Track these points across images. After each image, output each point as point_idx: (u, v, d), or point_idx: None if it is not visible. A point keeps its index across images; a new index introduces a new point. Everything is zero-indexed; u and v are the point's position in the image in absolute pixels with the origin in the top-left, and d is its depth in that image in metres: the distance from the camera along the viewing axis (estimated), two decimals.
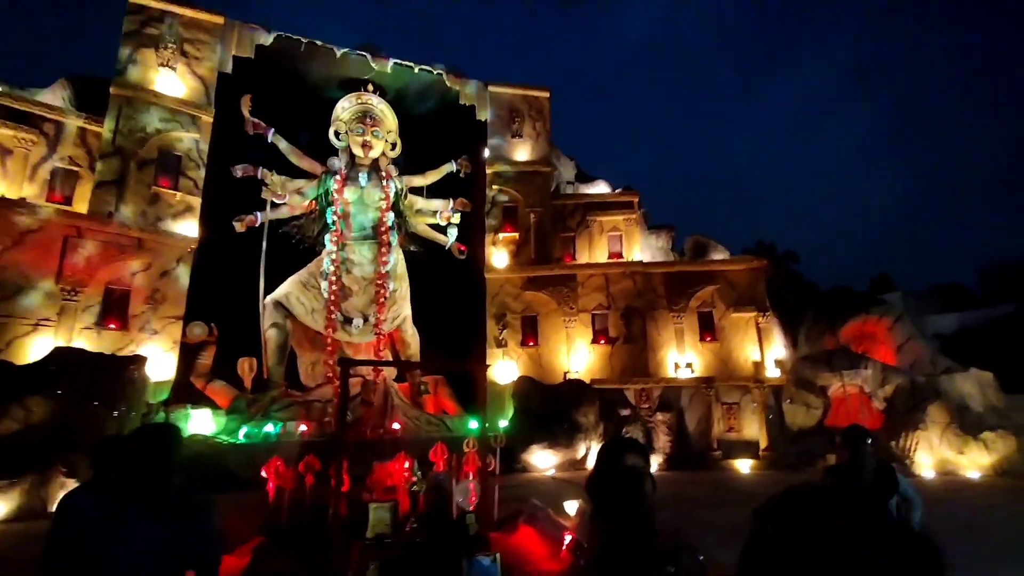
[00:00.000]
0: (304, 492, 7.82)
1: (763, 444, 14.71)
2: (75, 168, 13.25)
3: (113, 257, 12.62)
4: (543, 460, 13.52)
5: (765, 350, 16.14)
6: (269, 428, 12.20)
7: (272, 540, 6.51)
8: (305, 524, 6.83)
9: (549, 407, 14.42)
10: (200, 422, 12.09)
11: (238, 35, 15.06)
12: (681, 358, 16.57)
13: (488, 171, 17.77)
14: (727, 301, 16.78)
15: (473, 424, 14.36)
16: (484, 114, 18.04)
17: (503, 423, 14.77)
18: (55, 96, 13.69)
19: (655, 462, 13.58)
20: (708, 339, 16.64)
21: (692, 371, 16.30)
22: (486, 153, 17.95)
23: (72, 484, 8.61)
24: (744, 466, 14.34)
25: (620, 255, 17.80)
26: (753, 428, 14.99)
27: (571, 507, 7.27)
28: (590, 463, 13.77)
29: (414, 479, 6.50)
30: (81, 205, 13.03)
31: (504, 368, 16.53)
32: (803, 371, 15.00)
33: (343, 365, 6.93)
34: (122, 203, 13.07)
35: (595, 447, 14.13)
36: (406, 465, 6.98)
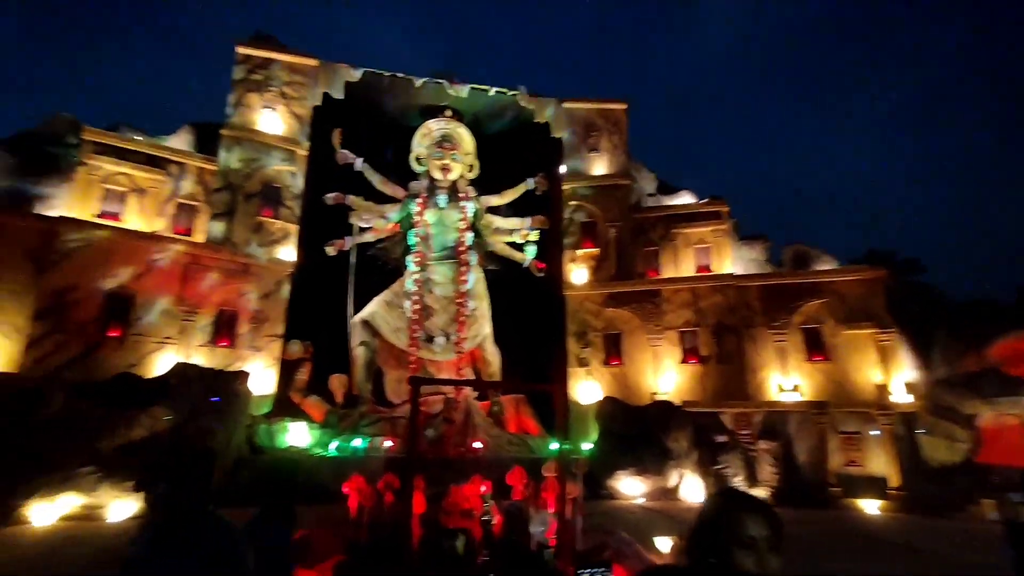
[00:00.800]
0: (383, 510, 7.71)
1: (894, 481, 12.66)
2: (194, 203, 14.70)
3: (224, 281, 13.77)
4: (630, 487, 12.70)
5: (890, 372, 13.96)
6: (357, 443, 12.48)
7: (352, 559, 6.35)
8: (384, 544, 6.69)
9: (636, 430, 13.59)
10: (297, 435, 12.59)
11: (330, 74, 16.18)
12: (785, 380, 14.93)
13: (565, 187, 17.47)
14: (838, 316, 14.88)
15: (555, 446, 13.95)
16: (560, 131, 17.87)
17: (587, 445, 14.15)
18: (180, 141, 15.40)
19: (760, 495, 12.08)
20: (817, 359, 14.82)
21: (799, 394, 14.53)
22: (563, 169, 17.70)
23: None
24: (870, 506, 12.38)
25: (708, 268, 16.65)
26: (879, 462, 12.99)
27: (664, 544, 6.42)
28: (684, 493, 12.86)
29: (485, 507, 6.02)
30: (199, 236, 14.42)
31: (587, 388, 15.90)
32: (942, 396, 12.75)
33: (414, 384, 6.77)
34: (232, 232, 14.31)
35: (689, 476, 13.05)
36: (482, 489, 6.52)
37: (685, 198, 18.35)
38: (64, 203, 13.23)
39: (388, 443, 12.61)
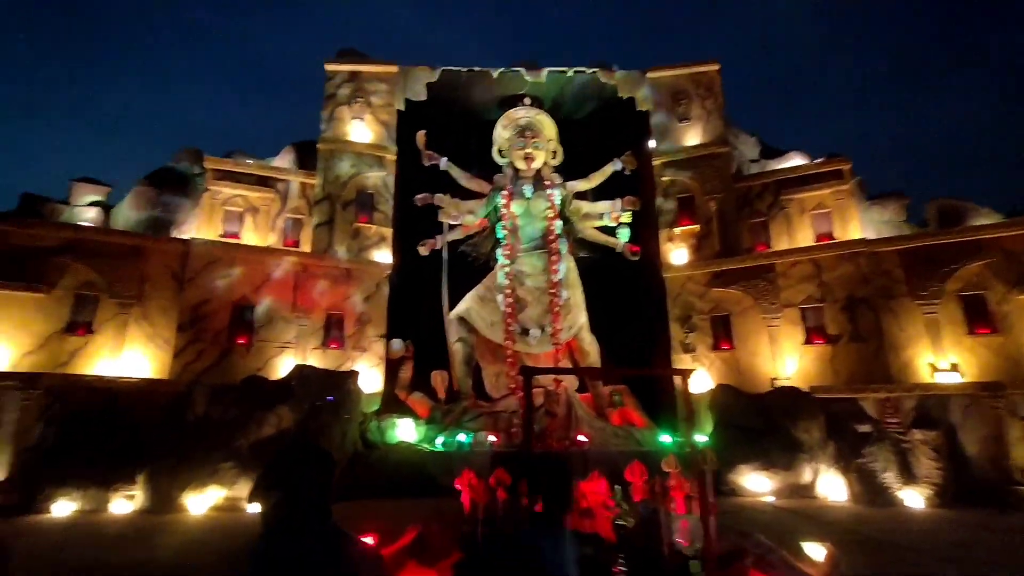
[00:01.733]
0: (496, 507, 7.50)
1: None
2: (300, 216, 15.66)
3: (330, 287, 14.49)
4: (756, 483, 11.49)
5: None
6: (462, 438, 12.60)
7: (469, 558, 6.12)
8: (500, 543, 6.43)
9: (757, 420, 12.25)
10: (405, 430, 12.95)
11: (411, 78, 16.51)
12: (939, 358, 12.71)
13: (656, 162, 16.33)
14: (1007, 279, 12.36)
15: (666, 438, 13.24)
16: (646, 104, 16.77)
17: (701, 437, 13.03)
18: (284, 160, 16.42)
19: (919, 495, 10.29)
20: (981, 331, 12.44)
21: (959, 375, 12.30)
22: (651, 144, 16.59)
23: None
24: None
25: (830, 236, 14.72)
26: None
27: (813, 550, 5.43)
28: (822, 491, 11.28)
29: (618, 510, 5.45)
30: (305, 246, 15.32)
31: (697, 376, 14.55)
32: None
33: (525, 374, 6.41)
34: (333, 240, 15.05)
35: (826, 472, 11.51)
36: (615, 488, 5.98)
37: (796, 160, 16.35)
38: (194, 226, 14.69)
39: (491, 438, 12.62)
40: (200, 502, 9.61)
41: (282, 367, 13.23)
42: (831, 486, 11.38)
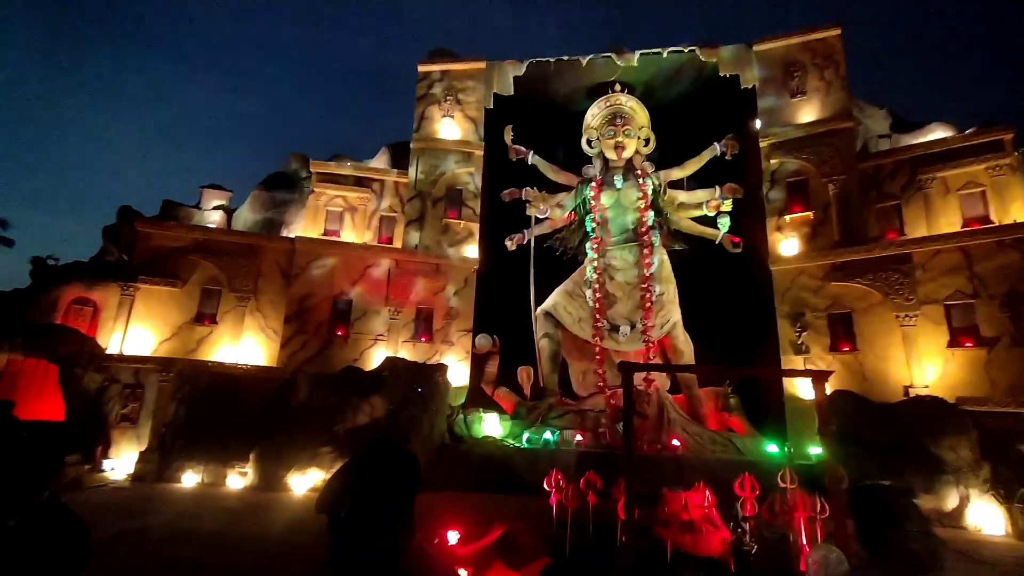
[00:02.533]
0: (587, 512, 7.11)
1: None
2: (393, 215, 16.35)
3: (421, 282, 14.94)
4: None
5: None
6: (548, 435, 12.36)
7: (558, 564, 5.84)
8: (590, 551, 6.16)
9: (887, 434, 10.71)
10: (491, 425, 12.85)
11: (499, 73, 16.53)
12: None
13: (763, 144, 14.95)
14: None
15: (772, 448, 12.09)
16: (751, 80, 15.37)
17: (815, 450, 11.74)
18: (380, 161, 17.27)
19: None
20: None
21: None
22: (757, 124, 15.20)
23: None
24: None
25: (985, 219, 12.60)
26: None
27: None
28: (972, 521, 9.57)
29: (726, 528, 4.81)
30: (397, 242, 15.93)
31: (807, 381, 12.98)
32: None
33: (625, 370, 5.93)
34: (423, 236, 15.49)
35: (978, 499, 9.85)
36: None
37: (937, 133, 14.23)
38: (301, 225, 15.85)
39: (578, 437, 12.26)
40: (302, 483, 10.25)
41: (375, 358, 13.80)
42: (985, 516, 9.69)
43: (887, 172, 13.86)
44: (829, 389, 11.83)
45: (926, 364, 12.08)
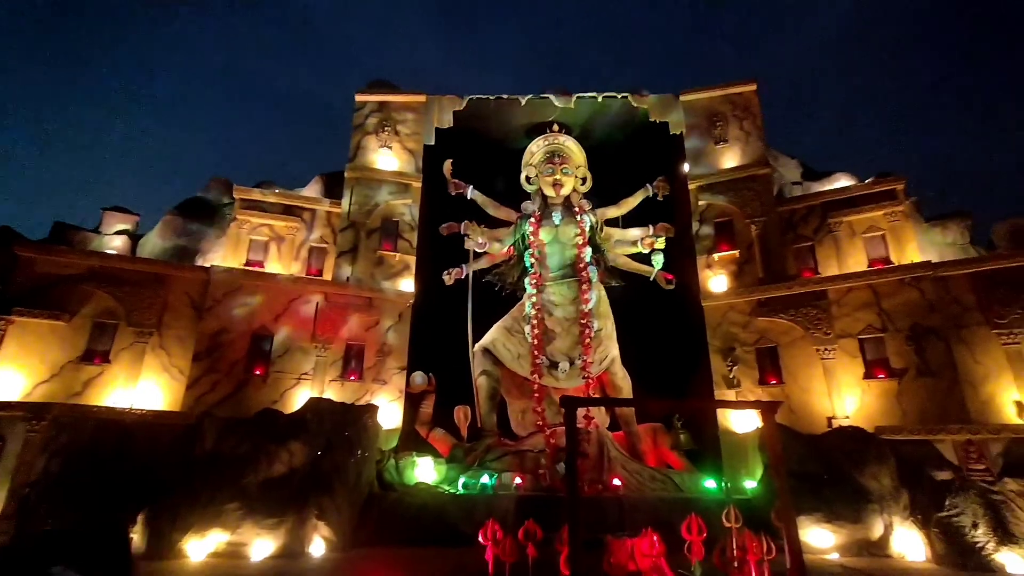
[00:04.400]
0: (526, 567, 6.63)
1: None
2: (324, 245, 15.53)
3: (350, 316, 14.08)
4: (818, 538, 10.07)
5: None
6: (485, 479, 11.89)
7: None
8: None
9: (815, 465, 10.92)
10: (425, 470, 12.24)
11: (438, 107, 16.53)
12: None
13: (691, 186, 15.72)
14: None
15: (710, 483, 12.12)
16: (678, 127, 16.32)
17: (750, 483, 12.03)
18: (312, 190, 16.50)
19: (1021, 559, 8.77)
20: None
21: None
22: (686, 168, 16.02)
23: (323, 527, 9.38)
24: None
25: (886, 260, 13.66)
26: None
27: None
28: (895, 547, 9.66)
29: None
30: (328, 275, 15.07)
31: (741, 414, 13.51)
32: None
33: (568, 405, 5.64)
34: (355, 268, 14.76)
35: (901, 526, 10.12)
36: (656, 544, 4.98)
37: (842, 181, 15.46)
38: (220, 255, 14.67)
39: (517, 480, 11.83)
40: (200, 548, 8.83)
41: (298, 399, 12.78)
42: (907, 543, 9.92)
43: (801, 215, 14.84)
44: (760, 421, 12.50)
45: (846, 395, 12.64)
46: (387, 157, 16.03)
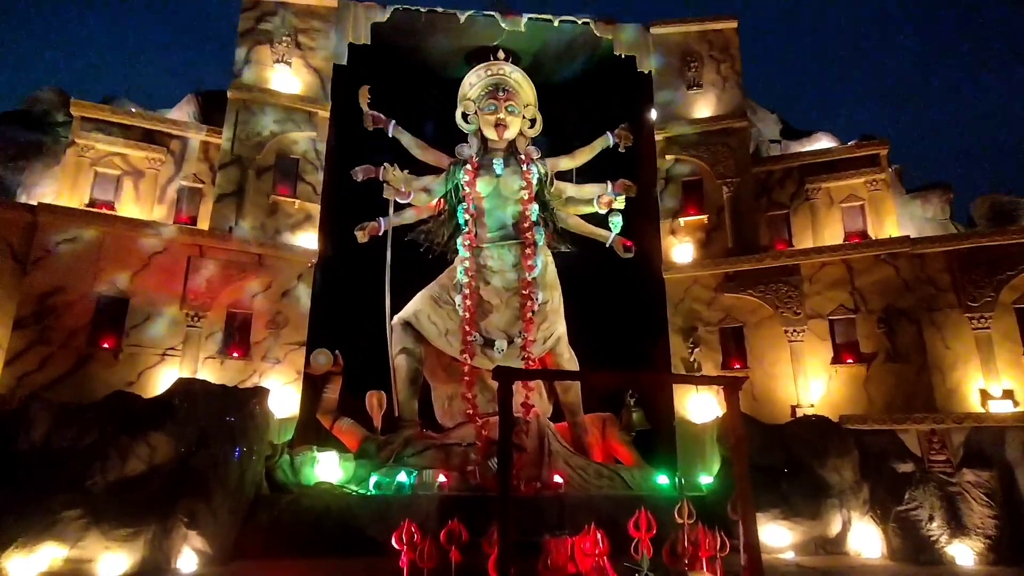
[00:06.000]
0: (449, 573, 7.05)
1: None
2: (199, 185, 14.99)
3: (233, 277, 13.72)
4: (774, 536, 11.23)
5: None
6: (402, 477, 12.15)
7: None
8: None
9: (775, 457, 12.15)
10: (327, 467, 12.38)
11: (353, 17, 16.06)
12: (993, 384, 12.96)
13: (658, 137, 16.35)
14: None
15: (662, 479, 13.06)
16: (647, 64, 16.78)
17: (705, 479, 12.99)
18: (182, 112, 15.85)
19: (970, 550, 10.32)
20: None
21: (1016, 404, 12.66)
22: (653, 115, 16.60)
23: (195, 537, 9.31)
24: None
25: (864, 234, 15.05)
26: None
27: None
28: (854, 546, 10.99)
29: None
30: (205, 223, 14.56)
31: (699, 401, 14.55)
32: None
33: (502, 378, 5.93)
34: (241, 216, 14.32)
35: (859, 521, 11.50)
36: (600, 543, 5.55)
37: (823, 142, 16.89)
38: (51, 191, 13.75)
39: (441, 478, 12.20)
40: (27, 566, 8.50)
41: (163, 381, 12.49)
42: (865, 539, 11.27)
43: (777, 179, 15.95)
44: (720, 410, 13.33)
45: (812, 381, 13.92)
46: (285, 76, 15.48)
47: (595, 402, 15.07)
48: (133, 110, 15.05)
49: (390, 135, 14.50)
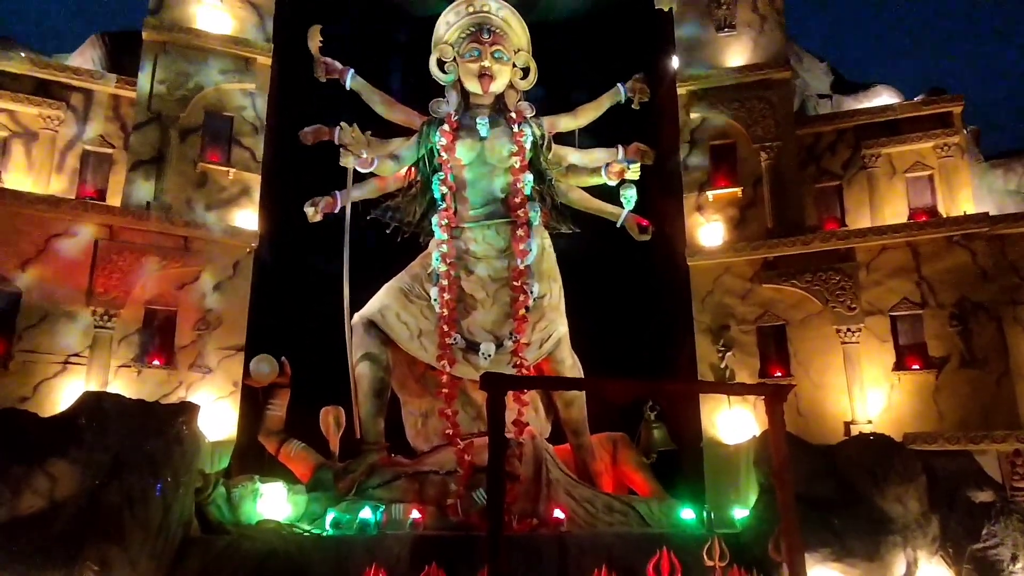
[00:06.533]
0: None
1: None
2: (108, 150, 14.57)
3: (153, 266, 13.40)
4: None
5: None
6: (366, 514, 11.76)
7: None
8: None
9: (826, 486, 11.64)
10: (272, 502, 12.06)
11: None
12: None
13: (680, 91, 15.82)
14: None
15: (687, 513, 12.54)
16: (667, 2, 16.26)
17: (740, 512, 12.53)
18: (84, 58, 15.27)
19: None
20: None
21: None
22: (675, 63, 16.15)
23: None
24: None
25: (933, 211, 14.52)
26: None
27: None
28: None
29: None
30: (115, 198, 14.20)
31: (731, 417, 14.13)
32: None
33: (491, 387, 5.80)
34: (162, 190, 13.96)
35: (926, 562, 10.91)
36: None
37: (883, 98, 16.25)
38: None
39: (414, 514, 11.78)
40: None
41: (65, 395, 12.22)
42: None
43: (827, 143, 15.46)
44: (758, 428, 13.13)
45: (869, 392, 13.49)
46: (215, 13, 14.97)
47: (604, 419, 14.57)
48: (23, 55, 14.46)
49: (348, 87, 13.96)
